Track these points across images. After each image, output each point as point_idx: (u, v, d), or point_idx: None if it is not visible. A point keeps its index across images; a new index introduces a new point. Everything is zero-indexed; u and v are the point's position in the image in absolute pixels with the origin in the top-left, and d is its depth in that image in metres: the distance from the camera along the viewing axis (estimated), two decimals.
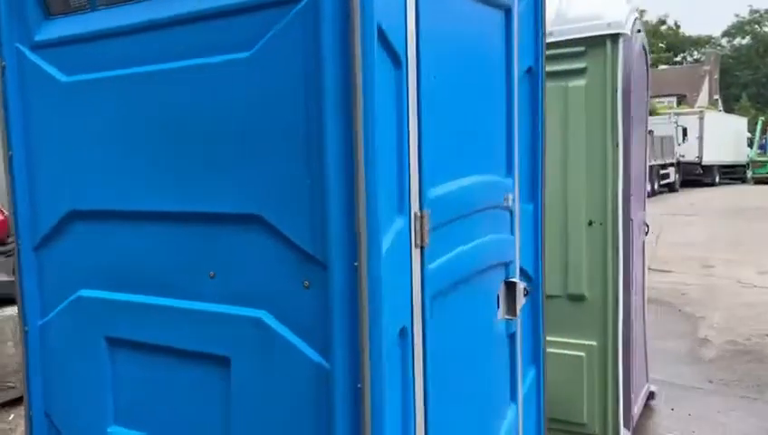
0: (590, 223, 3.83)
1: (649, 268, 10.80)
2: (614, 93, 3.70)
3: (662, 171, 28.01)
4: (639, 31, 4.13)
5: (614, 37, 3.68)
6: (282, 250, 1.74)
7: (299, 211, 1.69)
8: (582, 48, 3.76)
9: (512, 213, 2.55)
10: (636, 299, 4.26)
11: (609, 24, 3.69)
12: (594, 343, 3.88)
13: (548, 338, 3.92)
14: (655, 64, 60.51)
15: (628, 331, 3.98)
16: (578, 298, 3.89)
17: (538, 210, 2.79)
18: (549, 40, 3.78)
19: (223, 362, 1.88)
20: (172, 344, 1.98)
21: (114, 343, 2.13)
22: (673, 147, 29.43)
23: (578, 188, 3.83)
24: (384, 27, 1.67)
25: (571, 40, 3.77)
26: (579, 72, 3.79)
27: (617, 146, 3.72)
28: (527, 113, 2.70)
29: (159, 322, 2.00)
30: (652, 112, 39.18)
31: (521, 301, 2.57)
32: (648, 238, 4.65)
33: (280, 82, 1.68)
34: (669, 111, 34.94)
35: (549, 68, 3.81)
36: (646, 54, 4.41)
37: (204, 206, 1.86)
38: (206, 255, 1.89)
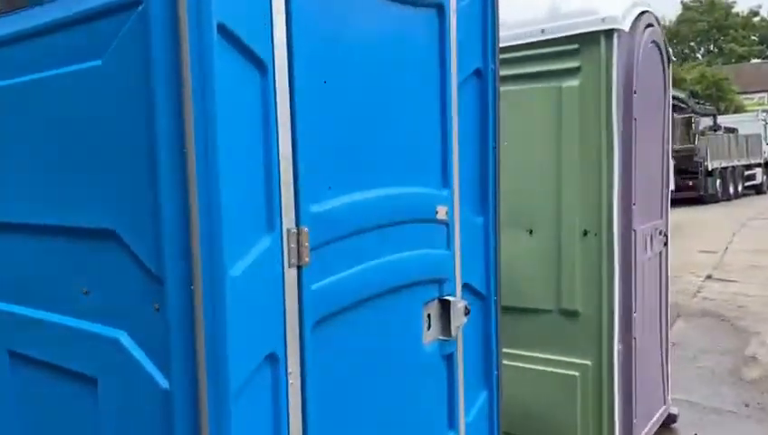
0: (585, 233, 3.56)
1: (709, 277, 10.22)
2: (608, 93, 3.42)
3: (747, 172, 26.43)
4: (651, 26, 3.82)
5: (608, 33, 3.41)
6: (134, 268, 1.66)
7: (145, 228, 1.60)
8: (576, 46, 3.50)
9: (448, 226, 2.37)
10: (645, 315, 3.94)
11: (603, 20, 3.42)
12: (588, 362, 3.61)
13: (538, 355, 3.72)
14: (746, 58, 57.36)
15: (629, 350, 3.68)
16: (571, 314, 3.63)
17: (490, 223, 2.59)
18: (541, 38, 3.56)
19: (92, 381, 1.81)
20: (53, 361, 1.94)
21: (14, 356, 2.10)
22: (761, 146, 27.71)
23: (572, 196, 3.57)
24: (233, 30, 1.55)
25: (564, 37, 3.51)
26: (572, 72, 3.53)
27: (611, 150, 3.45)
28: (474, 119, 2.51)
29: (44, 337, 1.96)
30: (739, 109, 37.10)
31: (459, 320, 2.38)
32: (715, 245, 4.30)
33: (125, 91, 1.60)
34: (758, 107, 32.99)
35: (541, 68, 3.61)
36: (660, 51, 4.08)
37: (70, 219, 1.80)
38: (77, 270, 1.83)
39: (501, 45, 3.63)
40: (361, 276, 1.97)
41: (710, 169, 22.89)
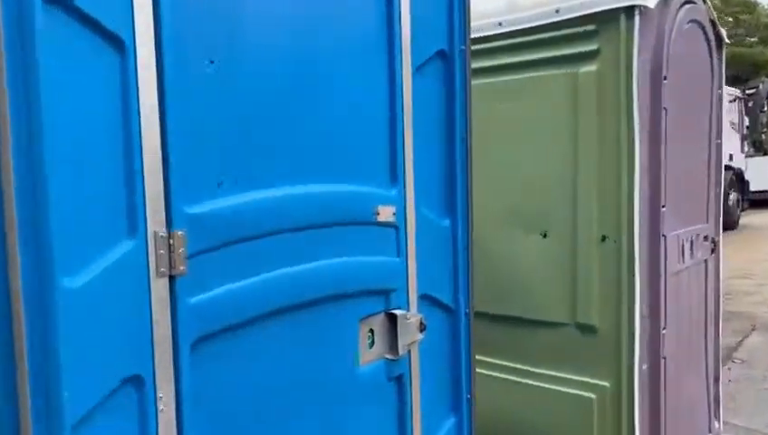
0: (603, 238, 3.15)
1: None
2: (630, 80, 3.00)
3: None
4: (690, 2, 3.36)
5: (629, 11, 2.99)
6: None
7: None
8: (593, 26, 3.10)
9: (398, 230, 2.07)
10: (682, 331, 3.48)
11: None
12: (607, 383, 3.20)
13: (552, 373, 3.34)
14: None
15: (657, 372, 3.24)
16: (587, 329, 3.23)
17: (459, 226, 2.28)
18: (555, 19, 3.18)
19: None
20: None
21: None
22: None
23: (588, 196, 3.17)
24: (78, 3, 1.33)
25: (580, 17, 3.12)
26: (590, 56, 3.13)
27: (632, 144, 3.02)
28: (438, 107, 2.20)
29: None
30: None
31: (410, 336, 2.09)
32: None
33: None
34: None
35: (555, 52, 3.23)
36: (705, 32, 3.59)
37: None
38: None
39: (511, 30, 3.33)
40: (264, 288, 1.71)
41: None
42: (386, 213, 2.01)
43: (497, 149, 3.45)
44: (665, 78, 3.15)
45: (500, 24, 3.37)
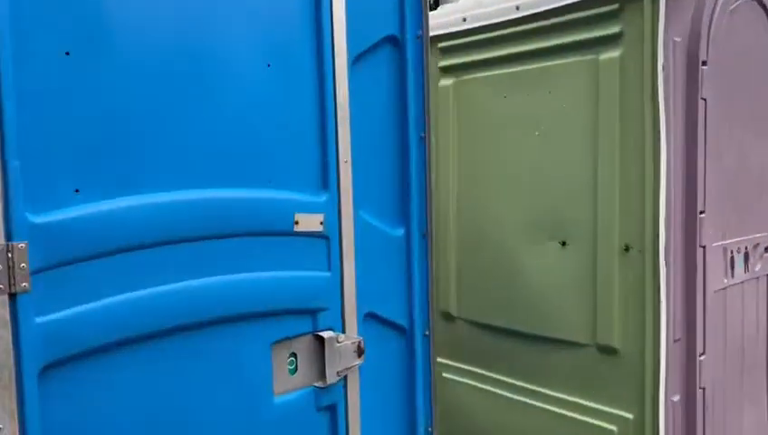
0: (626, 248, 2.75)
1: None
2: (654, 65, 2.59)
3: None
4: None
5: None
6: None
7: None
8: (615, 5, 2.70)
9: (329, 241, 1.83)
10: (731, 358, 3.01)
11: None
12: (630, 415, 2.79)
13: (570, 399, 2.97)
14: None
15: (693, 404, 2.80)
16: (608, 351, 2.84)
17: (415, 236, 2.00)
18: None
19: None
20: None
21: None
22: None
23: (610, 200, 2.78)
24: None
25: None
26: (612, 40, 2.73)
27: (657, 139, 2.60)
28: (387, 102, 1.93)
29: None
30: None
31: (342, 361, 1.84)
32: None
33: None
34: None
35: (574, 37, 2.86)
36: (765, 8, 3.08)
37: None
38: None
39: (525, 14, 2.98)
40: (137, 306, 1.52)
41: None
42: (309, 222, 1.76)
43: (511, 148, 3.11)
44: (703, 63, 2.70)
45: (517, 7, 3.03)
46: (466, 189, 3.35)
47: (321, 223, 1.79)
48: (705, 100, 2.72)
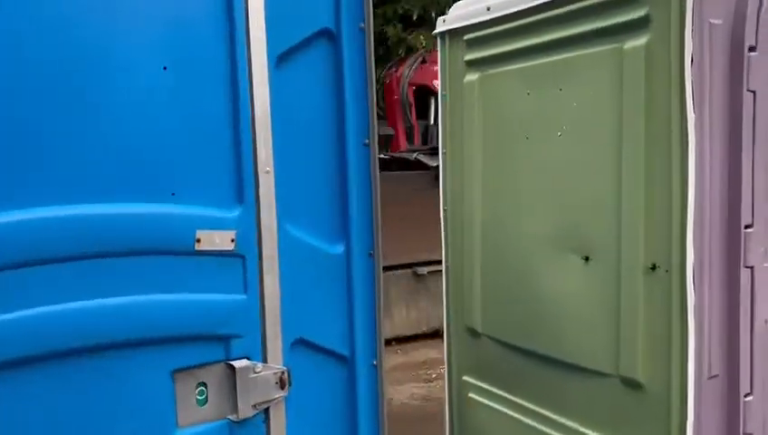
0: (653, 267, 2.38)
1: None
2: (682, 51, 2.20)
3: None
4: None
5: None
6: None
7: None
8: None
9: (245, 260, 1.65)
10: (762, 398, 2.54)
11: None
12: None
13: (588, 432, 2.62)
14: None
15: None
16: (632, 385, 2.47)
17: (357, 254, 1.79)
18: None
19: None
20: None
21: None
22: None
23: (635, 210, 2.41)
24: None
25: None
26: (638, 25, 2.36)
27: (685, 138, 2.22)
28: (321, 103, 1.73)
29: None
30: None
31: (262, 393, 1.66)
32: None
33: None
34: None
35: (595, 24, 2.51)
36: None
37: None
38: None
39: (540, 1, 2.67)
40: (20, 327, 1.42)
41: None
42: (216, 240, 1.59)
43: (535, 150, 2.79)
44: (751, 49, 2.27)
45: None
46: (491, 195, 3.06)
47: (233, 240, 1.62)
48: (753, 92, 2.29)
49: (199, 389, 1.63)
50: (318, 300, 1.76)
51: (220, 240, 1.60)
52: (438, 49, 3.31)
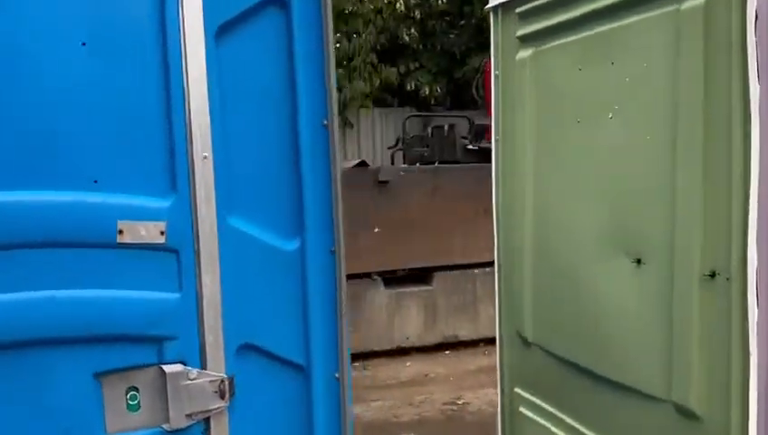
0: (712, 274, 1.97)
1: None
2: (744, 13, 1.78)
3: None
4: None
5: None
6: None
7: None
8: None
9: (178, 254, 1.50)
10: None
11: None
12: None
13: None
14: None
15: None
16: (686, 413, 2.07)
17: (315, 250, 1.58)
18: None
19: None
20: None
21: None
22: None
23: (691, 208, 2.01)
24: None
25: None
26: None
27: (748, 123, 1.80)
28: (267, 80, 1.54)
29: None
30: None
31: (198, 402, 1.50)
32: None
33: None
34: None
35: None
36: None
37: None
38: None
39: None
40: None
41: None
42: (143, 231, 1.45)
43: (581, 137, 2.44)
44: None
45: None
46: (542, 188, 2.72)
47: (163, 233, 1.46)
48: None
49: (131, 394, 1.50)
50: (269, 302, 1.57)
51: (147, 232, 1.45)
52: (491, 25, 3.00)
